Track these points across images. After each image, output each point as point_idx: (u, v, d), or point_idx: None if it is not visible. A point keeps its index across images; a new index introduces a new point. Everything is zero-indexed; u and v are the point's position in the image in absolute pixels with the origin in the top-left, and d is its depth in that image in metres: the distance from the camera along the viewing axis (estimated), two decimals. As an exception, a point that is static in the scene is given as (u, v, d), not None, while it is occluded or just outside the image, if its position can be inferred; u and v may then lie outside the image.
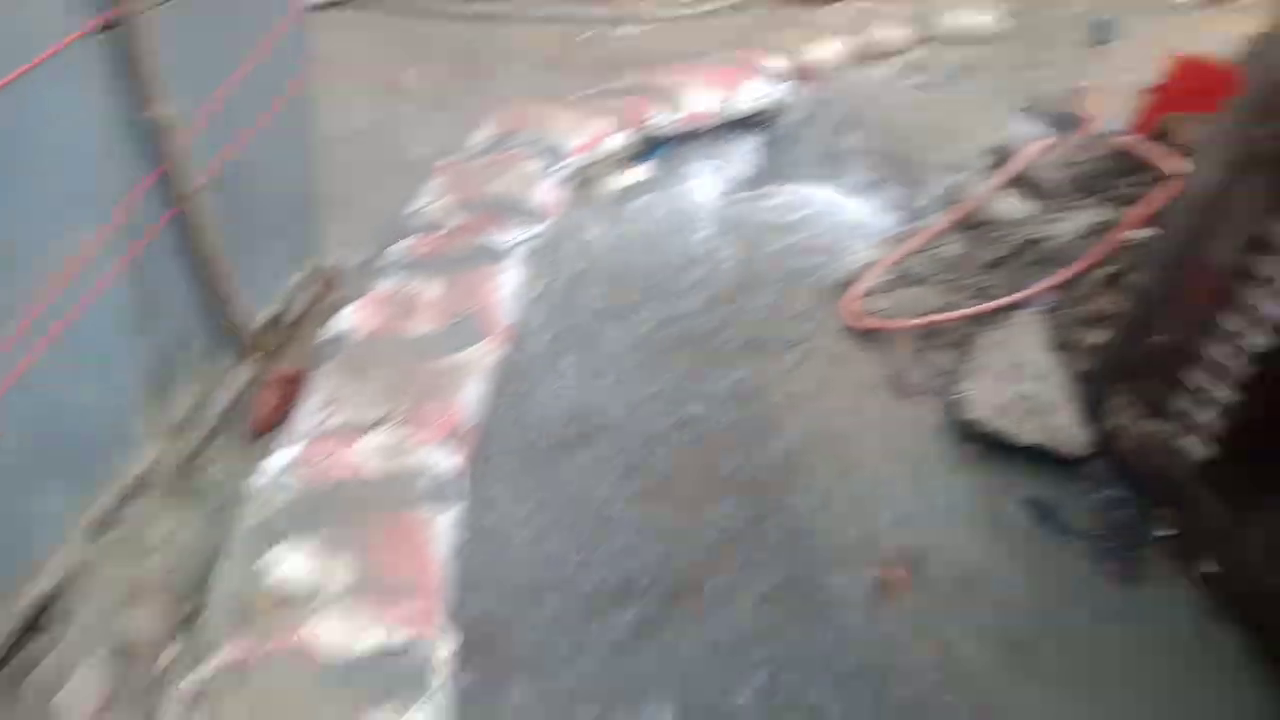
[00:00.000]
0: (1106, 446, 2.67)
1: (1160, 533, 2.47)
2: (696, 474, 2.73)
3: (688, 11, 5.95)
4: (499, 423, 2.78)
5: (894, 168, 4.33)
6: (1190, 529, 2.40)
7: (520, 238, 3.53)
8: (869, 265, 3.49)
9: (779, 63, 4.84)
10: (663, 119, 4.28)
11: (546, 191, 3.74)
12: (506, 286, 3.21)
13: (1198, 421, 2.41)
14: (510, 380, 2.95)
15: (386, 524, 2.25)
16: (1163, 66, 3.70)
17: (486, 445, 2.69)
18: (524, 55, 5.33)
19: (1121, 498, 2.58)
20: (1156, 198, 3.06)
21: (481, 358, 2.88)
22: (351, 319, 2.94)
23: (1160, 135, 3.35)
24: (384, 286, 3.12)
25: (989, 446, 2.74)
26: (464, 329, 2.93)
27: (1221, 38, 3.82)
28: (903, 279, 3.46)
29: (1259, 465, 2.25)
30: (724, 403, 2.98)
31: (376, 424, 2.59)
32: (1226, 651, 2.20)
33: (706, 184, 4.35)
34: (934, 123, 4.49)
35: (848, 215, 4.10)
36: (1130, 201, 3.22)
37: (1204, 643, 2.22)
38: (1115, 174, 3.41)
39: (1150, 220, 3.05)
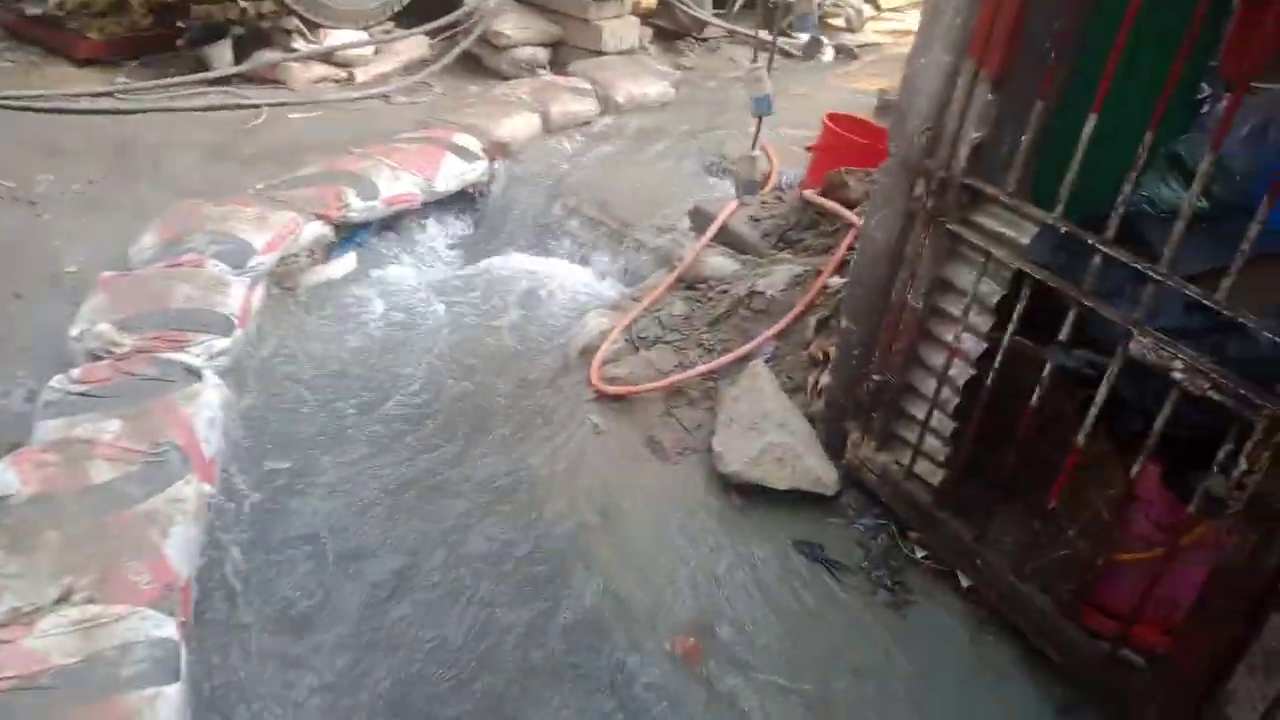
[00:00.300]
0: (853, 480, 2.84)
1: (918, 555, 2.65)
2: (473, 577, 2.51)
3: (365, 92, 5.69)
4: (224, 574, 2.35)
5: (606, 234, 4.43)
6: (941, 548, 2.59)
7: (214, 350, 3.08)
8: (604, 332, 3.48)
9: (472, 140, 4.78)
10: (358, 206, 4.01)
11: (236, 298, 3.31)
12: (205, 410, 2.76)
13: (925, 449, 2.63)
14: (230, 524, 2.52)
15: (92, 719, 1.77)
16: (819, 123, 4.16)
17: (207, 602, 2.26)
18: (187, 146, 4.75)
19: (877, 525, 2.75)
20: (842, 247, 3.37)
21: (188, 497, 2.43)
22: (7, 477, 2.35)
23: (832, 189, 3.72)
24: (47, 431, 2.55)
25: (751, 497, 2.80)
26: (159, 467, 2.46)
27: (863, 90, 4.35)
28: (638, 342, 3.49)
29: (983, 484, 2.50)
30: (489, 496, 2.79)
31: (59, 601, 2.07)
32: (996, 658, 2.38)
33: (417, 269, 4.15)
34: (635, 188, 4.67)
35: (571, 284, 4.11)
36: (822, 251, 3.53)
37: (978, 653, 2.39)
38: (803, 226, 3.74)
39: (841, 268, 3.34)
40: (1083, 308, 2.11)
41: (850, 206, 3.64)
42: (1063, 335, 2.16)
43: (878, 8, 8.58)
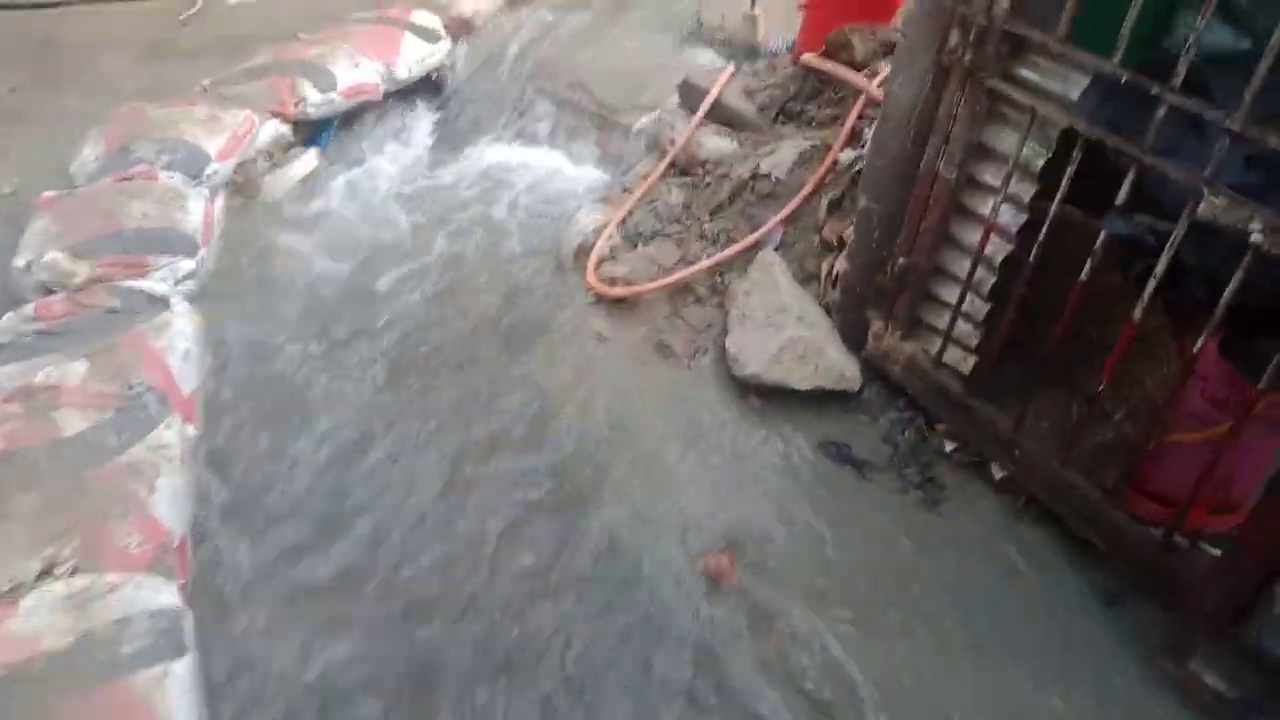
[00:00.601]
0: (876, 373, 2.69)
1: (948, 448, 2.53)
2: (490, 511, 2.36)
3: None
4: (225, 527, 2.19)
5: (587, 117, 4.10)
6: (973, 439, 2.47)
7: (180, 274, 2.82)
8: (598, 229, 3.23)
9: (432, 18, 4.36)
10: (316, 99, 3.66)
11: (196, 212, 3.02)
12: (178, 342, 2.53)
13: (956, 335, 2.47)
14: (223, 466, 2.34)
15: (93, 707, 1.63)
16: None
17: (214, 562, 2.10)
18: (117, 44, 4.29)
19: (903, 419, 2.62)
20: (852, 117, 3.10)
21: (171, 442, 2.23)
22: (-38, 439, 2.14)
23: (834, 51, 3.41)
24: (4, 379, 2.32)
25: (771, 398, 2.65)
26: (136, 412, 2.25)
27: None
28: (635, 238, 3.25)
29: (1019, 368, 2.35)
30: (495, 419, 2.61)
31: (43, 575, 1.90)
32: (1036, 549, 2.29)
33: (385, 168, 3.83)
34: (614, 64, 4.30)
35: (555, 176, 3.82)
36: (829, 123, 3.26)
37: (1018, 546, 2.30)
38: (804, 96, 3.45)
39: (852, 140, 3.09)
40: (1143, 168, 1.90)
41: (856, 69, 3.34)
42: (1120, 199, 1.96)
43: None
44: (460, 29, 4.44)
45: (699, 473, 2.46)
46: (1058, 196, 2.09)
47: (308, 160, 3.60)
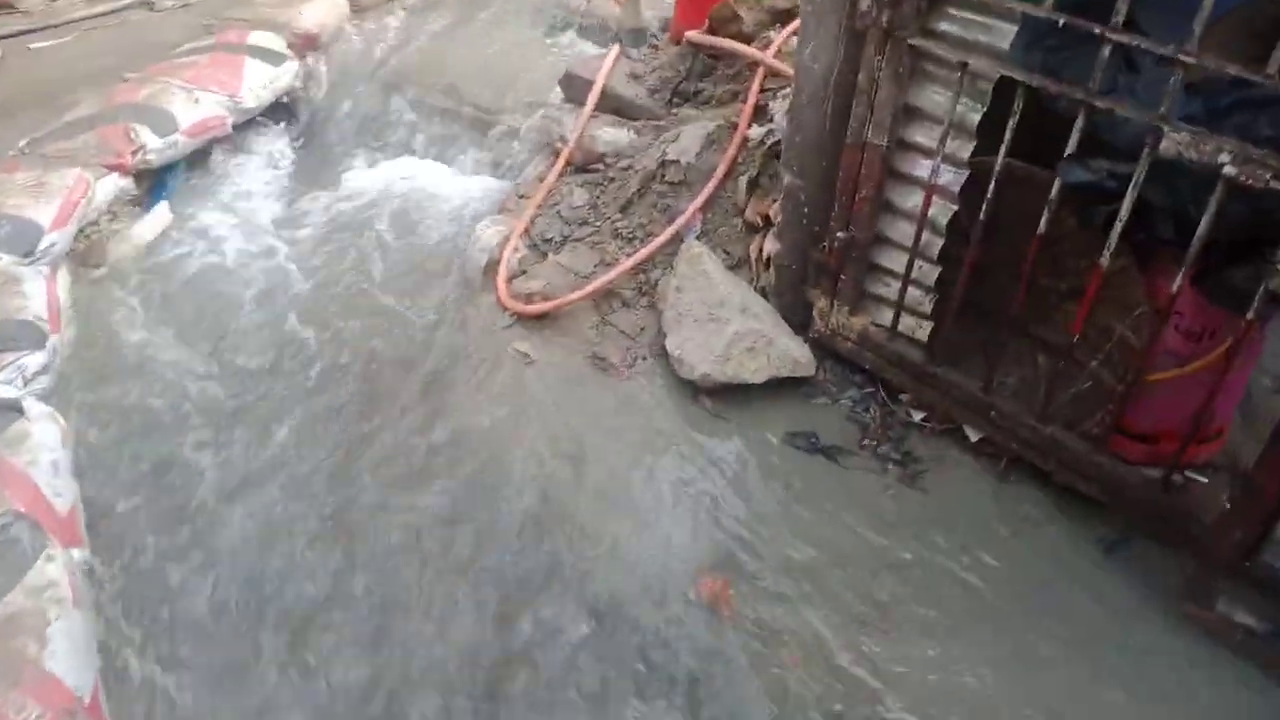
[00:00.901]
0: (827, 351, 2.56)
1: (916, 417, 2.42)
2: (450, 585, 2.10)
3: (120, 1, 4.63)
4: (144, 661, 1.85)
5: (465, 124, 3.82)
6: (942, 405, 2.37)
7: (29, 372, 2.41)
8: (503, 242, 2.97)
9: (273, 37, 3.97)
10: (156, 144, 3.24)
11: (37, 295, 2.60)
12: (43, 453, 2.15)
13: (908, 303, 2.35)
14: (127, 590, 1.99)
15: None
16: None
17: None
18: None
19: (863, 395, 2.50)
20: (754, 91, 2.94)
21: (57, 578, 1.87)
22: None
23: (721, 25, 3.24)
24: None
25: (724, 396, 2.49)
26: (4, 550, 1.87)
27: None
28: (543, 246, 3.01)
29: (976, 327, 2.26)
30: (430, 475, 2.34)
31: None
32: (1025, 508, 2.21)
33: (246, 209, 3.43)
34: (482, 63, 4.04)
35: (441, 190, 3.53)
36: (729, 100, 3.10)
37: (1009, 508, 2.21)
38: (696, 75, 3.27)
39: (757, 115, 2.94)
40: (1092, 110, 1.81)
41: (746, 42, 3.18)
42: (1071, 146, 1.86)
43: None
44: (307, 45, 4.06)
45: (669, 494, 2.26)
46: (1001, 151, 1.98)
47: (158, 216, 3.19)
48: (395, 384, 2.62)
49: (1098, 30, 1.74)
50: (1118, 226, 1.85)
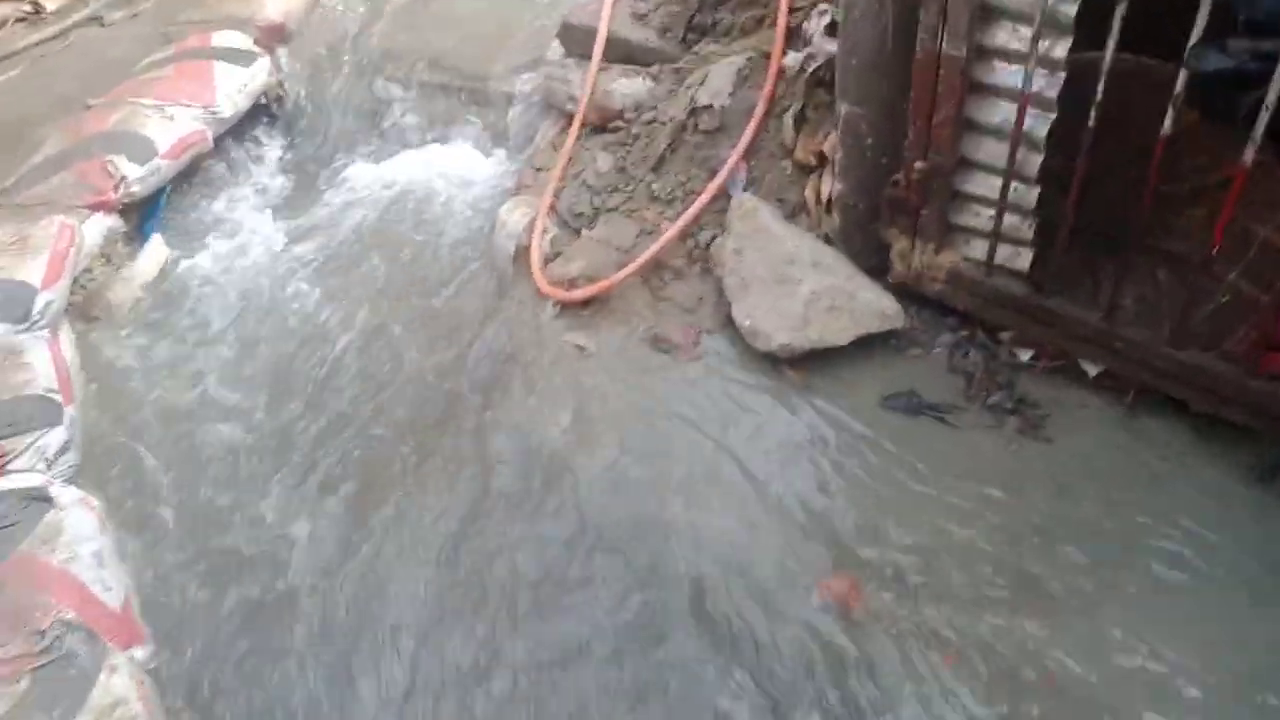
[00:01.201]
0: (911, 296, 2.30)
1: (1023, 357, 2.18)
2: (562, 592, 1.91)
3: (66, 22, 4.28)
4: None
5: (457, 95, 3.50)
6: (1053, 341, 2.12)
7: (50, 452, 2.20)
8: (529, 224, 2.71)
9: (238, 36, 3.64)
10: (138, 173, 2.96)
11: (42, 363, 2.37)
12: (83, 545, 1.94)
13: (1004, 231, 2.08)
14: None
15: None
16: None
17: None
18: None
19: (960, 340, 2.25)
20: (783, 11, 2.63)
21: (125, 694, 1.67)
22: None
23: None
24: None
25: (809, 364, 2.25)
26: (62, 667, 1.68)
27: None
28: (574, 222, 2.75)
29: (1080, 246, 1.99)
30: (504, 501, 2.12)
31: None
32: (1172, 444, 1.98)
33: (249, 220, 3.17)
34: (465, 27, 3.70)
35: (446, 173, 3.25)
36: (755, 27, 2.78)
37: (1146, 446, 1.99)
38: (710, 5, 2.93)
39: (790, 39, 2.63)
40: (1226, -15, 1.52)
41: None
42: (1198, 28, 1.57)
43: None
44: (275, 37, 3.73)
45: (768, 485, 2.05)
46: (1109, 45, 1.69)
47: (154, 251, 2.92)
48: (449, 392, 2.40)
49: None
50: (1264, 115, 1.57)
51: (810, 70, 2.52)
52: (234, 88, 3.36)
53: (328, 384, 2.46)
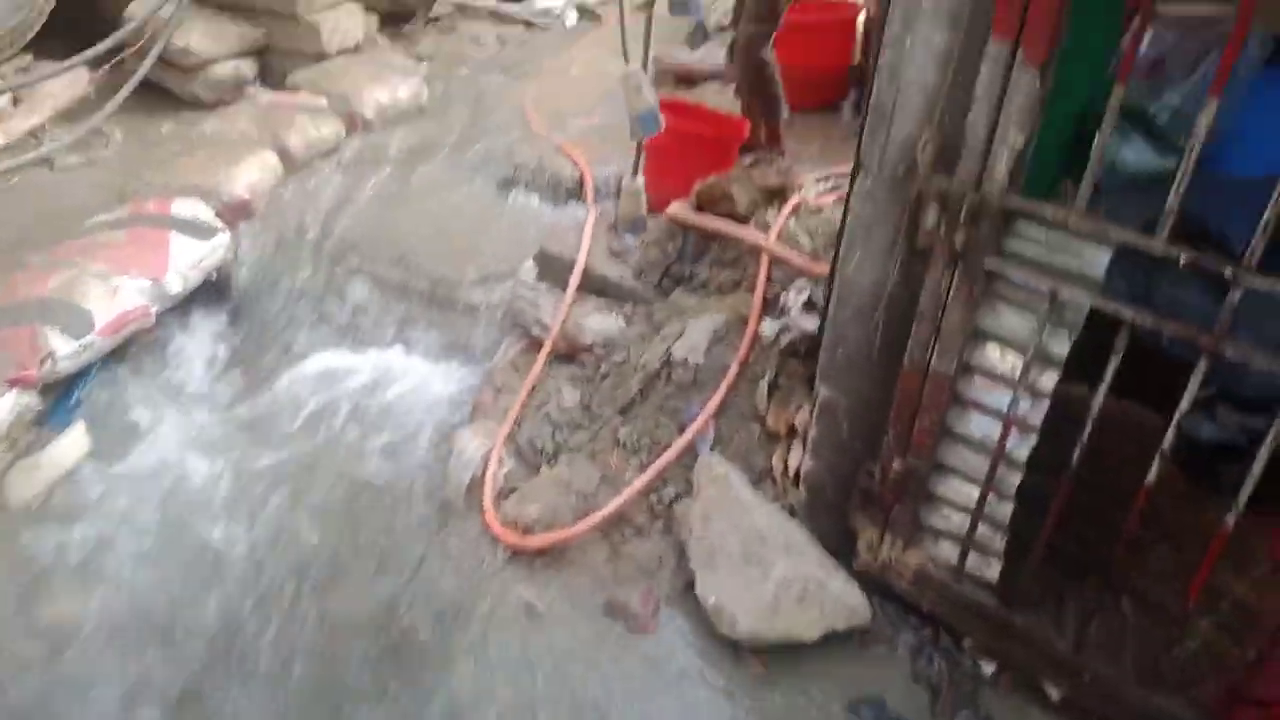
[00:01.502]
0: (875, 587, 2.24)
1: (987, 670, 2.12)
2: None
3: (15, 160, 4.12)
4: None
5: (420, 300, 3.45)
6: (1016, 655, 2.07)
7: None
8: (485, 454, 2.60)
9: (199, 206, 3.55)
10: (68, 350, 2.74)
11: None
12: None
13: (976, 540, 2.07)
14: None
15: None
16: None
17: None
18: None
19: (925, 640, 2.18)
20: (761, 282, 2.71)
21: None
22: None
23: (711, 202, 3.03)
24: None
25: (775, 655, 2.13)
26: None
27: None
28: (532, 456, 2.65)
29: (1057, 569, 2.00)
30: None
31: None
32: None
33: (175, 419, 2.93)
34: (433, 228, 3.75)
35: (400, 382, 3.13)
36: (732, 288, 2.86)
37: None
38: (690, 257, 3.02)
39: (767, 308, 2.69)
40: (1216, 358, 1.60)
41: (741, 221, 2.97)
42: (1188, 397, 1.64)
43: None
44: (238, 214, 3.66)
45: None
46: (1100, 390, 1.76)
47: (72, 440, 2.65)
48: (369, 655, 2.16)
49: (1228, 272, 1.54)
50: (1248, 486, 1.63)
51: (785, 342, 2.57)
52: (188, 263, 3.23)
53: (233, 640, 2.19)
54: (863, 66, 4.43)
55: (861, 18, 4.59)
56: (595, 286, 3.07)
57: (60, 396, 2.75)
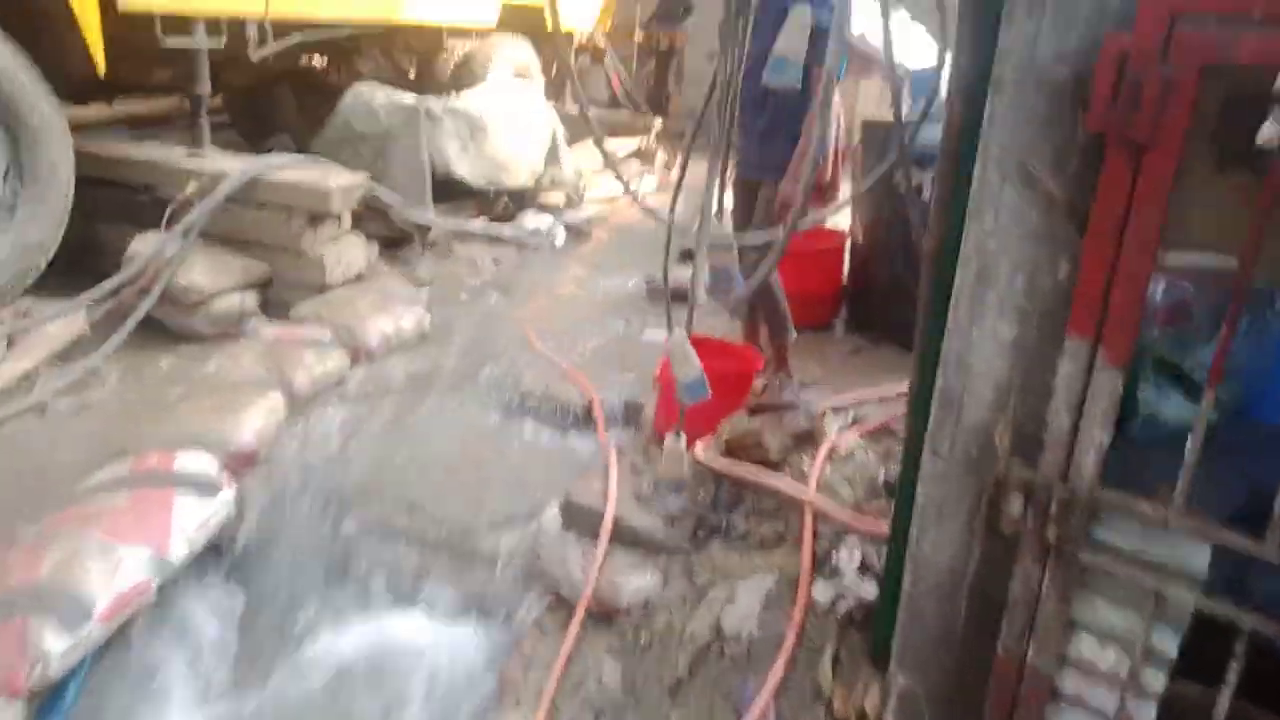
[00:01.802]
0: None
1: None
2: None
3: (6, 410, 3.99)
4: None
5: (436, 551, 3.28)
6: None
7: None
8: (519, 754, 2.36)
9: (204, 459, 3.41)
10: (61, 648, 2.48)
11: None
12: None
13: None
14: None
15: None
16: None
17: None
18: None
19: None
20: (807, 540, 2.60)
21: None
22: None
23: (740, 449, 2.97)
24: None
25: None
26: None
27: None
28: (573, 752, 2.41)
29: None
30: None
31: None
32: None
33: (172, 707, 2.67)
34: (444, 468, 3.62)
35: (418, 646, 2.91)
36: (775, 542, 2.74)
37: None
38: (725, 505, 2.92)
39: (817, 566, 2.57)
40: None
41: (773, 468, 2.90)
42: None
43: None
44: (244, 465, 3.52)
45: None
46: (1225, 695, 1.63)
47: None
48: None
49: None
50: None
51: (843, 611, 2.43)
52: (193, 525, 3.05)
53: None
54: (852, 289, 4.97)
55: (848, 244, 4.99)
56: (625, 538, 2.93)
57: (46, 701, 2.48)
